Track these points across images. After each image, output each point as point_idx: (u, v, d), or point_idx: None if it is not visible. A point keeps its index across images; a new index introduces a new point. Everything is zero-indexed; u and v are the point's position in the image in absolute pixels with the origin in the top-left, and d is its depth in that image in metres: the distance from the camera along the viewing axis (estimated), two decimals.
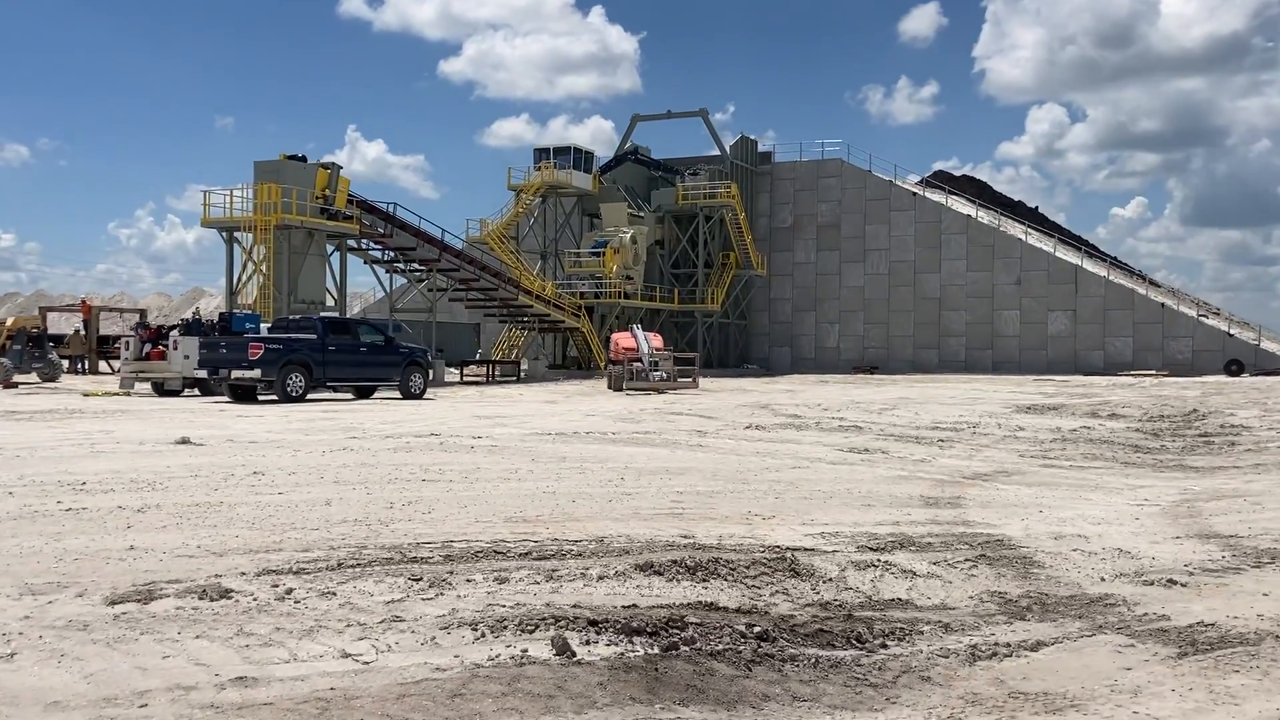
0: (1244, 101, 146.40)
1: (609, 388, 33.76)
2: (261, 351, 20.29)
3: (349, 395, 23.58)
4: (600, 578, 5.66)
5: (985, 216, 58.44)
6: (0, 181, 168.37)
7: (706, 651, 4.53)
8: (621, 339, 36.97)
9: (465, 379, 40.97)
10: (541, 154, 53.22)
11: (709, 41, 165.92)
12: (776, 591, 5.80)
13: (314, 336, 21.49)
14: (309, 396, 21.45)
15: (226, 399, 21.47)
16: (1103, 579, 6.56)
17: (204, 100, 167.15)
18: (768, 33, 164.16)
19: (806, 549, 6.83)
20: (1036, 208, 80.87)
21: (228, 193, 32.47)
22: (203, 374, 21.39)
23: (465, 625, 4.80)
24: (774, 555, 6.31)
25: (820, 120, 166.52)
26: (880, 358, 58.36)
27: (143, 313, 42.86)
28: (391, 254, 38.38)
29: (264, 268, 32.63)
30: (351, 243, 37.37)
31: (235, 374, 20.39)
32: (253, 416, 16.90)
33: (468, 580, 5.64)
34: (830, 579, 6.13)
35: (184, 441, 11.83)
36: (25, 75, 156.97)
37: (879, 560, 6.61)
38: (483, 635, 4.67)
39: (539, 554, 6.17)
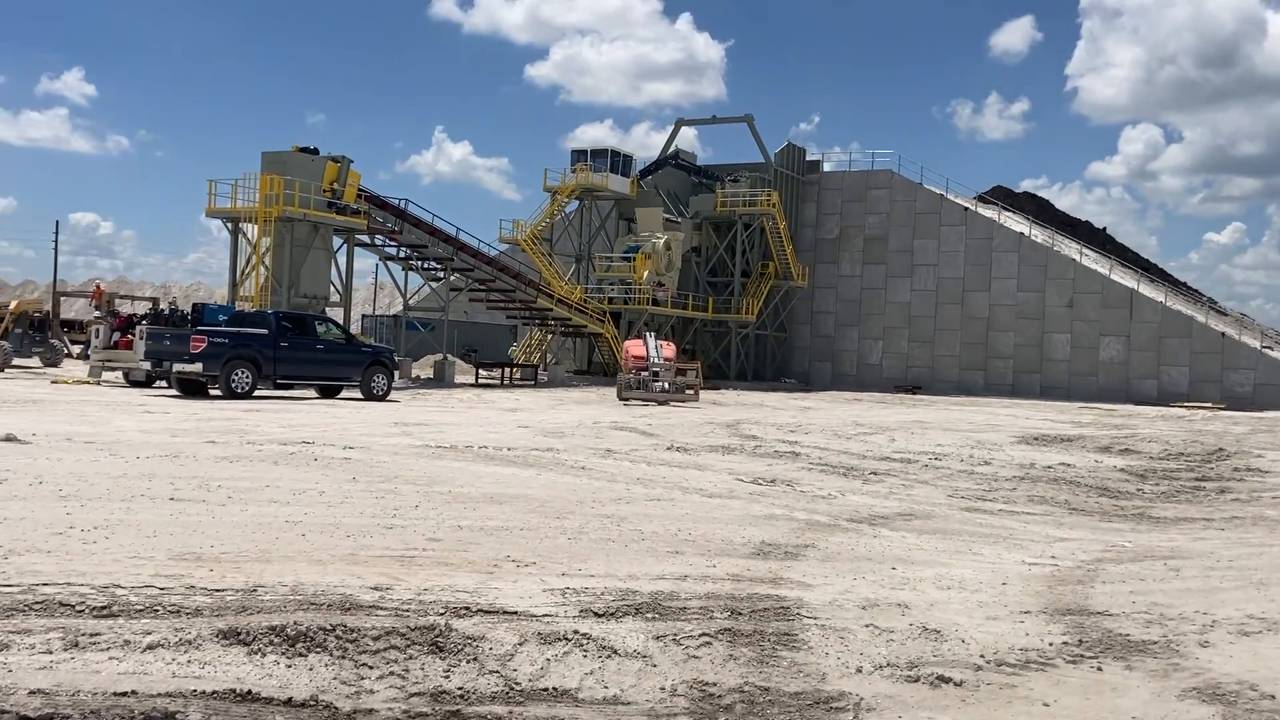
0: None
1: (618, 397, 32.57)
2: (204, 345, 19.46)
3: (313, 394, 22.74)
4: (151, 646, 4.47)
5: (1039, 235, 56.11)
6: (101, 170, 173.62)
7: None
8: (632, 346, 35.76)
9: (480, 380, 40.10)
10: (579, 156, 52.22)
11: (796, 51, 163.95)
12: (391, 674, 4.56)
13: (265, 332, 20.64)
14: (261, 393, 20.62)
15: (176, 392, 20.72)
16: (860, 670, 5.20)
17: (297, 98, 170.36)
18: (856, 44, 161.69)
19: (511, 612, 5.57)
20: (1104, 229, 78.01)
21: (233, 183, 32.02)
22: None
23: None
24: (425, 626, 5.07)
25: (906, 134, 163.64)
26: (924, 377, 56.28)
27: (155, 300, 42.73)
28: (407, 251, 37.64)
29: (266, 260, 32.05)
30: (365, 239, 36.71)
31: (177, 367, 19.59)
32: (157, 413, 16.03)
33: None
34: (490, 657, 4.87)
35: (8, 439, 10.92)
36: (128, 70, 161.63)
37: (586, 632, 5.32)
38: None
39: (125, 610, 4.99)
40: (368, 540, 7.10)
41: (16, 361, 31.58)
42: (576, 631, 5.28)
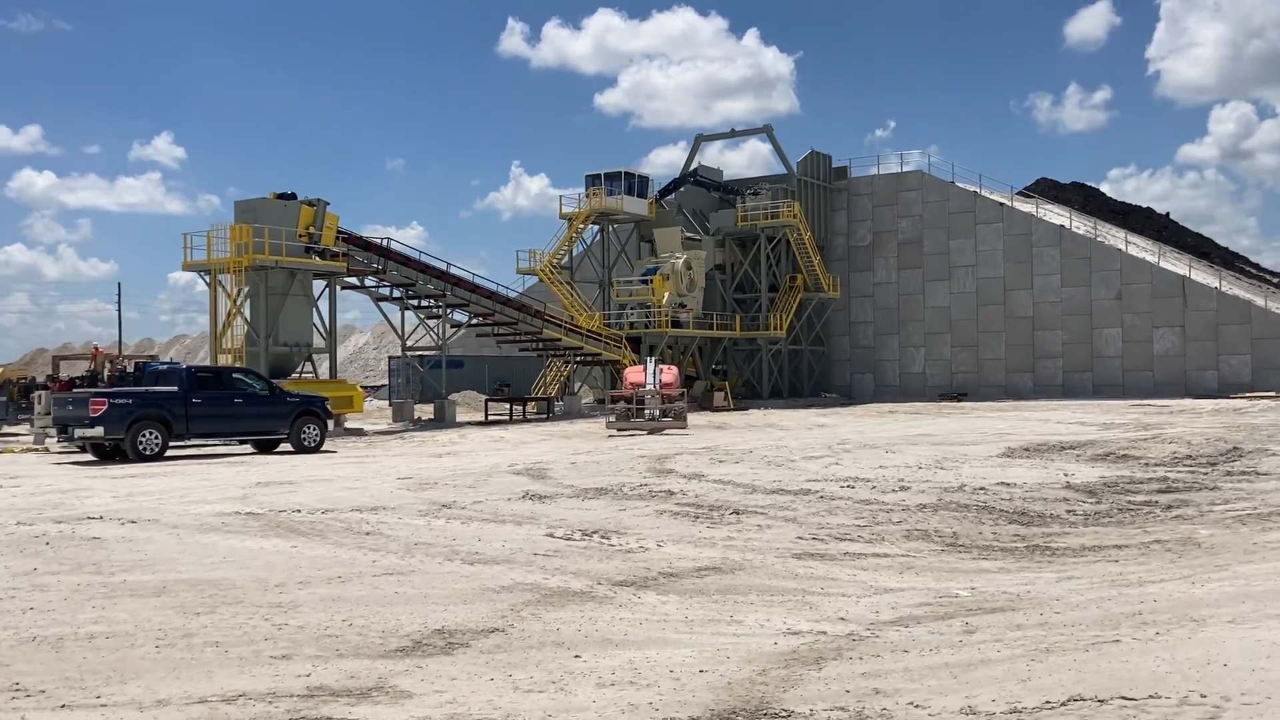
0: None
1: (606, 428, 31.21)
2: (104, 408, 18.52)
3: (248, 449, 21.75)
4: None
5: (1081, 226, 53.32)
6: (194, 226, 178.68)
7: None
8: (631, 374, 34.34)
9: (490, 418, 38.99)
10: (592, 180, 51.05)
11: (867, 57, 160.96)
12: None
13: (174, 389, 19.70)
14: (184, 451, 19.64)
15: (91, 458, 19.85)
16: None
17: (377, 146, 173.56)
18: (927, 45, 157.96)
19: None
20: (1168, 214, 74.24)
21: (206, 234, 31.45)
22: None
23: None
24: None
25: (985, 132, 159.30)
26: (970, 383, 53.77)
27: (152, 358, 42.46)
28: (401, 291, 36.77)
29: (244, 310, 31.41)
30: (354, 280, 35.94)
31: (78, 432, 18.70)
32: (7, 487, 15.07)
33: None
34: None
35: None
36: (214, 131, 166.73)
37: None
38: None
39: None
40: None
41: (5, 430, 31.34)
42: None
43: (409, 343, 39.29)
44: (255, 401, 20.64)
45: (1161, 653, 5.92)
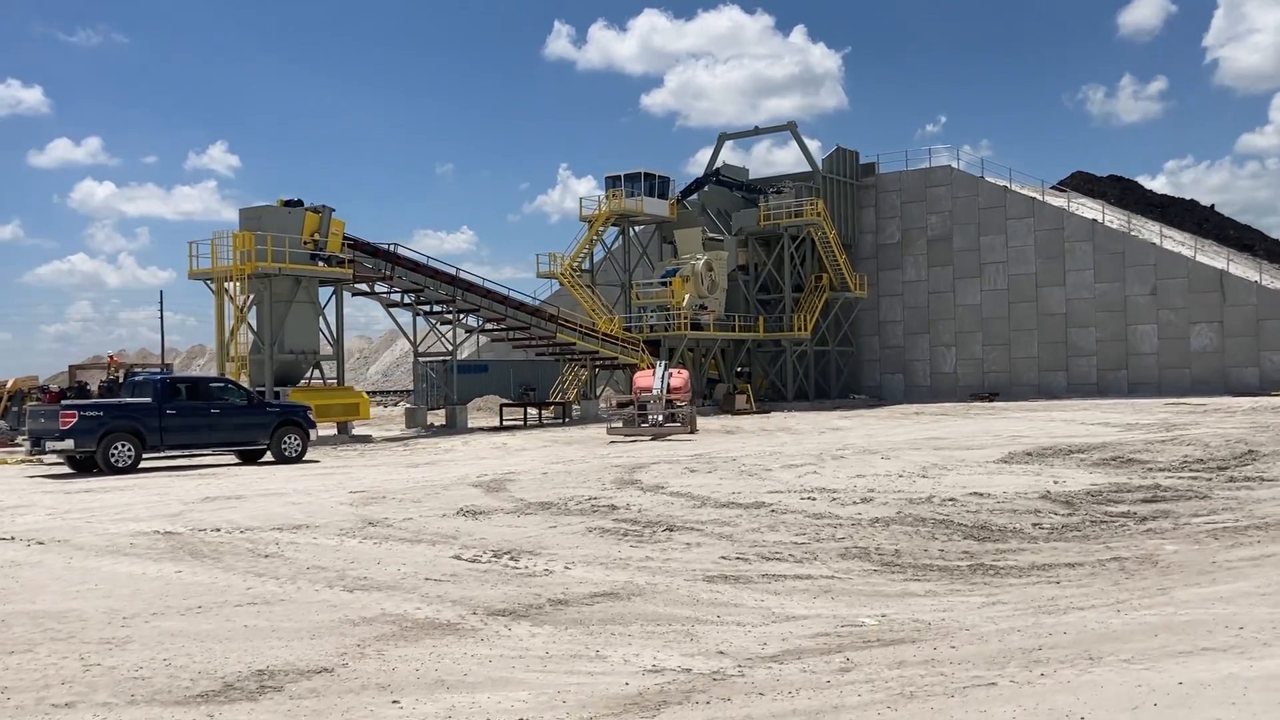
0: None
1: (607, 433, 30.68)
2: (75, 420, 18.29)
3: (233, 460, 21.49)
4: None
5: (1114, 220, 51.91)
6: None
7: None
8: (640, 378, 33.76)
9: (504, 423, 38.61)
10: (612, 181, 50.54)
11: (916, 52, 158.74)
12: None
13: (148, 400, 19.43)
14: (161, 462, 19.39)
15: (69, 470, 19.65)
16: None
17: (426, 152, 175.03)
18: (977, 38, 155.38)
19: None
20: (1213, 206, 72.25)
21: (210, 242, 31.34)
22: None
23: None
24: None
25: (1037, 126, 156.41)
26: (1002, 383, 52.56)
27: (168, 367, 42.61)
28: (412, 297, 36.50)
29: (250, 318, 31.28)
30: (364, 287, 35.75)
31: (49, 445, 18.47)
32: None
33: None
34: None
35: None
36: (267, 139, 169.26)
37: None
38: None
39: None
40: None
41: (18, 440, 31.43)
42: None
43: (434, 349, 39.00)
44: (233, 412, 20.34)
45: (1026, 700, 5.28)
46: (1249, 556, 9.38)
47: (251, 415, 20.55)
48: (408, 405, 48.56)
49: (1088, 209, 52.94)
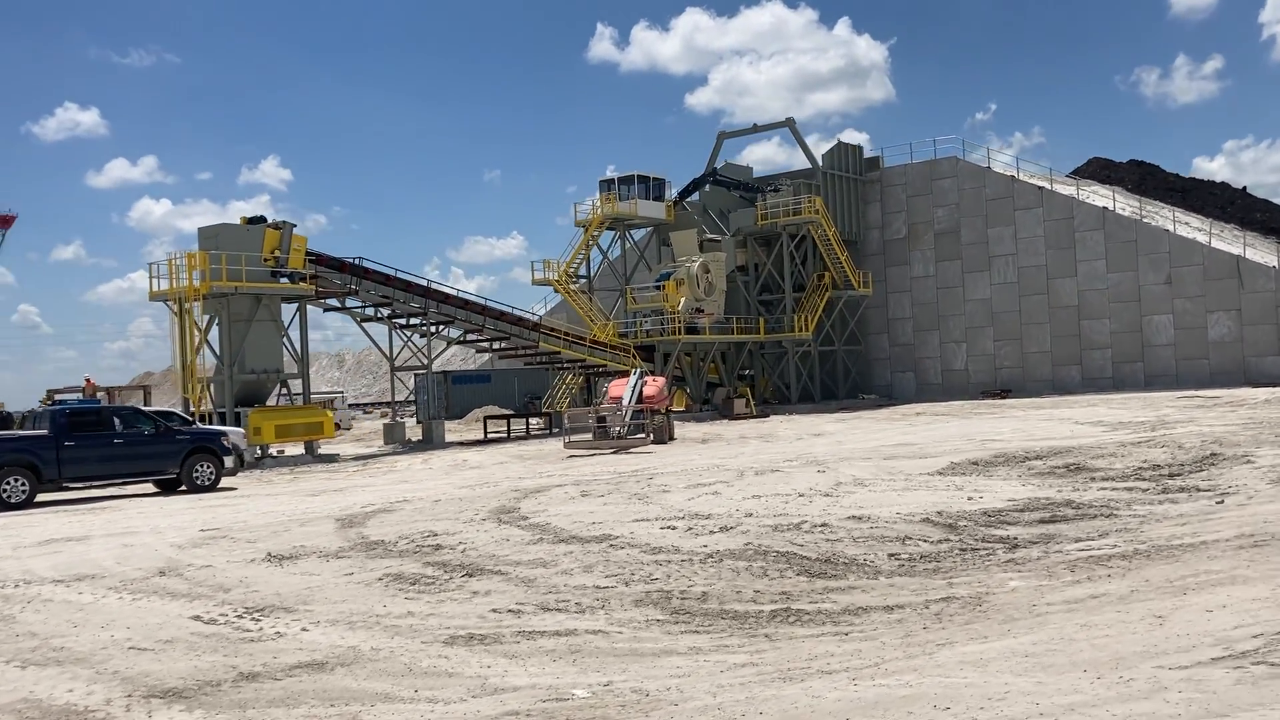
0: None
1: (564, 448, 29.70)
2: None
3: (151, 489, 20.84)
4: None
5: (1126, 207, 50.05)
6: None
7: None
8: (613, 387, 32.84)
9: (488, 436, 37.81)
10: (606, 185, 49.63)
11: (963, 40, 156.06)
12: None
13: (45, 432, 18.82)
14: (66, 496, 18.73)
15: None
16: None
17: (474, 159, 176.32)
18: (1026, 23, 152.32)
19: None
20: (1245, 188, 69.67)
21: (168, 262, 30.84)
22: None
23: None
24: None
25: (1089, 110, 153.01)
26: (1015, 379, 50.88)
27: (146, 389, 42.30)
28: (385, 311, 35.82)
29: (207, 338, 30.75)
30: (334, 302, 35.15)
31: None
32: None
33: None
34: None
35: None
36: (318, 153, 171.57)
37: None
38: None
39: None
40: None
41: None
42: None
43: (410, 363, 38.30)
44: (139, 442, 19.66)
45: None
46: (1076, 597, 8.26)
47: (159, 444, 19.86)
48: (414, 418, 48.00)
49: (1099, 196, 51.14)
